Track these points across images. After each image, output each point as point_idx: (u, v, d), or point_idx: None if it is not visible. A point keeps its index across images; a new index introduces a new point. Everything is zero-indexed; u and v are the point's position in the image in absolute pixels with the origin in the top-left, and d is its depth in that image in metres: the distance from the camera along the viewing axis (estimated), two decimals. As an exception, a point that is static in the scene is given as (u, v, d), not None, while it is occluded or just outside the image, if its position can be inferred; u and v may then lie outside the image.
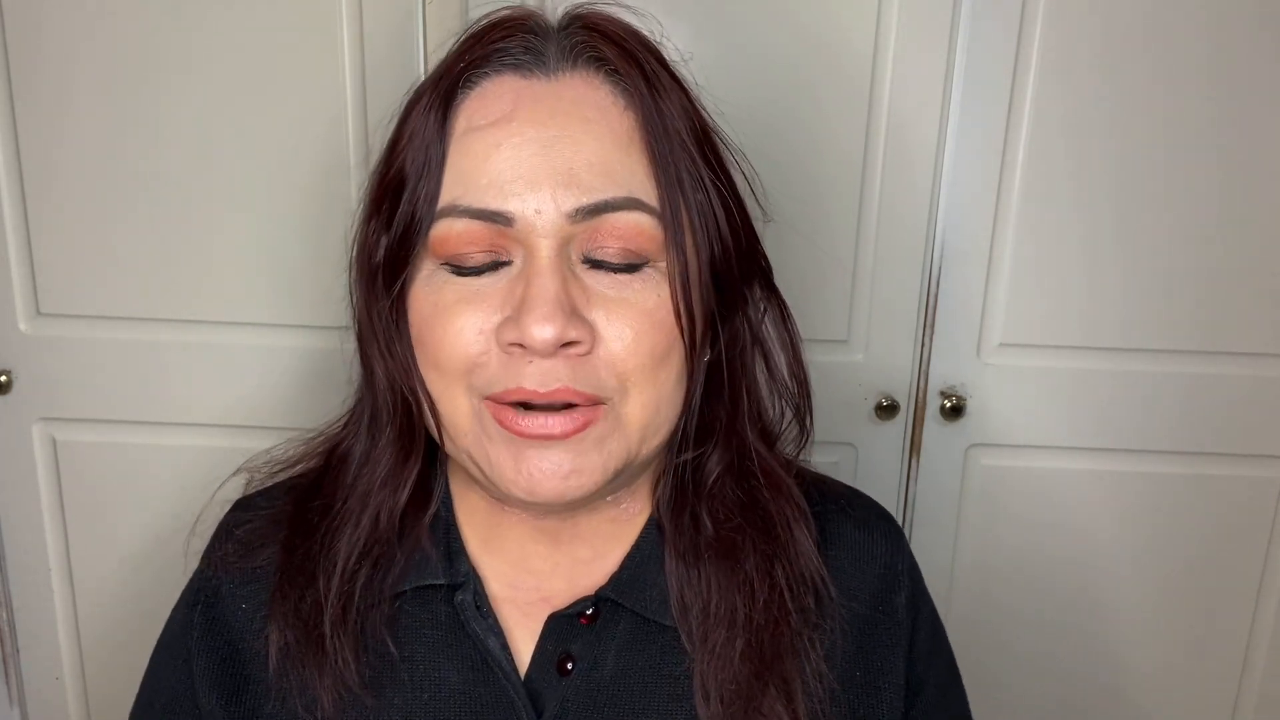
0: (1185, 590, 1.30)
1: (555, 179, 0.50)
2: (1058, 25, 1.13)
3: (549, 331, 0.49)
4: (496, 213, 0.50)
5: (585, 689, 0.57)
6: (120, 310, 1.22)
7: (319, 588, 0.57)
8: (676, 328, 0.53)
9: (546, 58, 0.53)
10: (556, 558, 0.60)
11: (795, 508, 0.60)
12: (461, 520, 0.61)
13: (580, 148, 0.51)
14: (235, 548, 0.62)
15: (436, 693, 0.57)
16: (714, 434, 0.59)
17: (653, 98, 0.53)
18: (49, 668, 1.36)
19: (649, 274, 0.52)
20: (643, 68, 0.53)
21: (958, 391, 1.24)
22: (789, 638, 0.57)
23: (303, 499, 0.62)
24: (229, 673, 0.59)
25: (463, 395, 0.53)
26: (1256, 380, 1.23)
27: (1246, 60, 1.12)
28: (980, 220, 1.19)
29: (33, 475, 1.28)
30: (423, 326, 0.53)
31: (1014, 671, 1.33)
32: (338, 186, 1.17)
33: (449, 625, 0.58)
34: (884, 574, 0.63)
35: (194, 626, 0.61)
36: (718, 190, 0.55)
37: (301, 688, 0.57)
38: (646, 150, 0.52)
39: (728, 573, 0.57)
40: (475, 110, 0.53)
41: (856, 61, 1.14)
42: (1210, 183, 1.16)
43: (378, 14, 1.13)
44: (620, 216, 0.51)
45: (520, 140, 0.51)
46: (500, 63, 0.53)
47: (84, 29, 1.13)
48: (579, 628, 0.58)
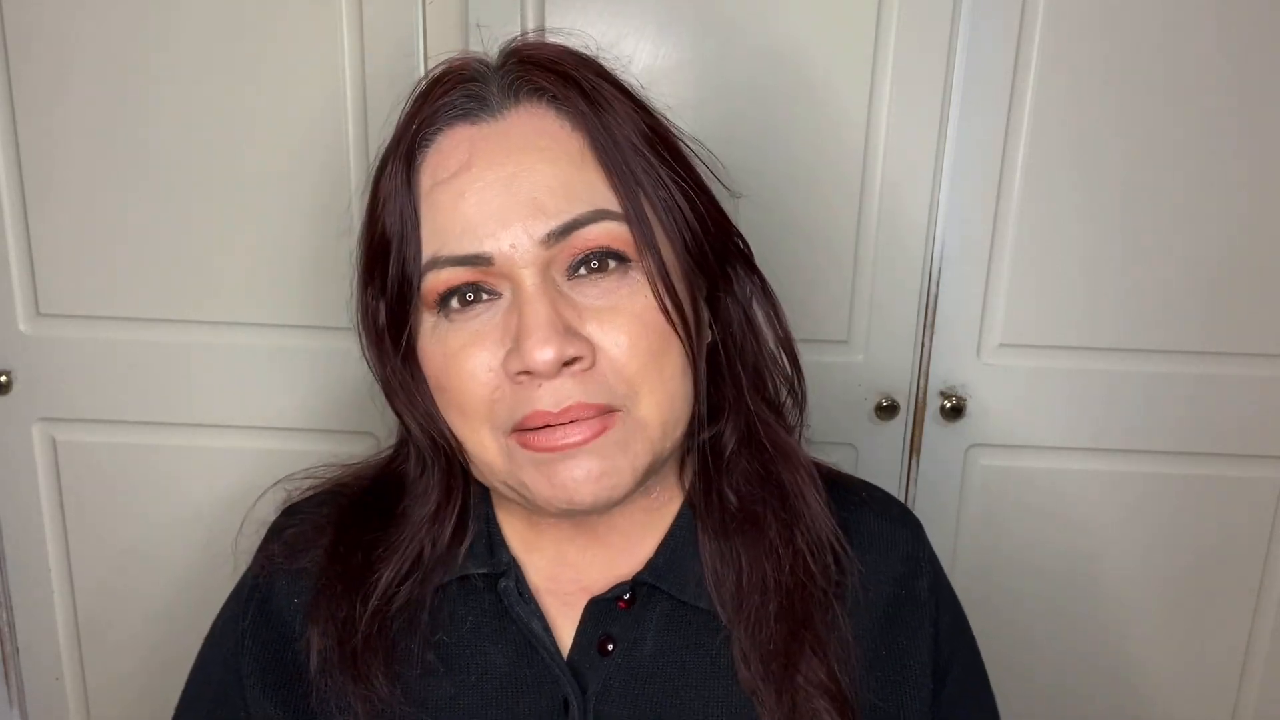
0: (1186, 590, 1.30)
1: (522, 211, 0.53)
2: (1058, 25, 1.13)
3: (549, 353, 0.51)
4: (475, 255, 0.53)
5: (626, 667, 0.60)
6: (120, 310, 1.22)
7: (354, 604, 0.60)
8: (667, 323, 0.55)
9: (489, 101, 0.56)
10: (593, 549, 0.62)
11: (804, 473, 0.63)
12: (501, 520, 0.63)
13: (539, 177, 0.54)
14: (282, 548, 0.65)
15: (483, 675, 0.60)
16: (725, 411, 0.62)
17: (595, 113, 0.55)
18: (49, 668, 1.36)
19: (633, 277, 0.55)
20: (581, 86, 0.56)
21: (958, 392, 1.24)
22: (818, 596, 0.60)
23: (347, 511, 0.65)
24: (280, 663, 0.62)
25: (488, 435, 0.56)
26: (1257, 380, 1.23)
27: (1249, 58, 1.13)
28: (980, 220, 1.19)
29: (33, 475, 1.28)
30: (439, 376, 0.56)
31: (1014, 671, 1.33)
32: (338, 187, 1.17)
33: (493, 612, 0.61)
34: (907, 560, 0.65)
35: (246, 618, 0.64)
36: (677, 183, 0.57)
37: (338, 693, 0.59)
38: (600, 163, 0.55)
39: (754, 542, 0.60)
40: (436, 165, 0.55)
41: (856, 62, 1.14)
42: (1210, 183, 1.16)
43: (378, 14, 1.14)
44: (590, 230, 0.54)
45: (482, 184, 0.54)
46: (449, 116, 0.56)
47: (84, 30, 1.13)
48: (617, 612, 0.61)
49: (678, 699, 0.59)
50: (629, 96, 0.58)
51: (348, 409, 1.22)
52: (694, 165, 0.60)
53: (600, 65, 0.59)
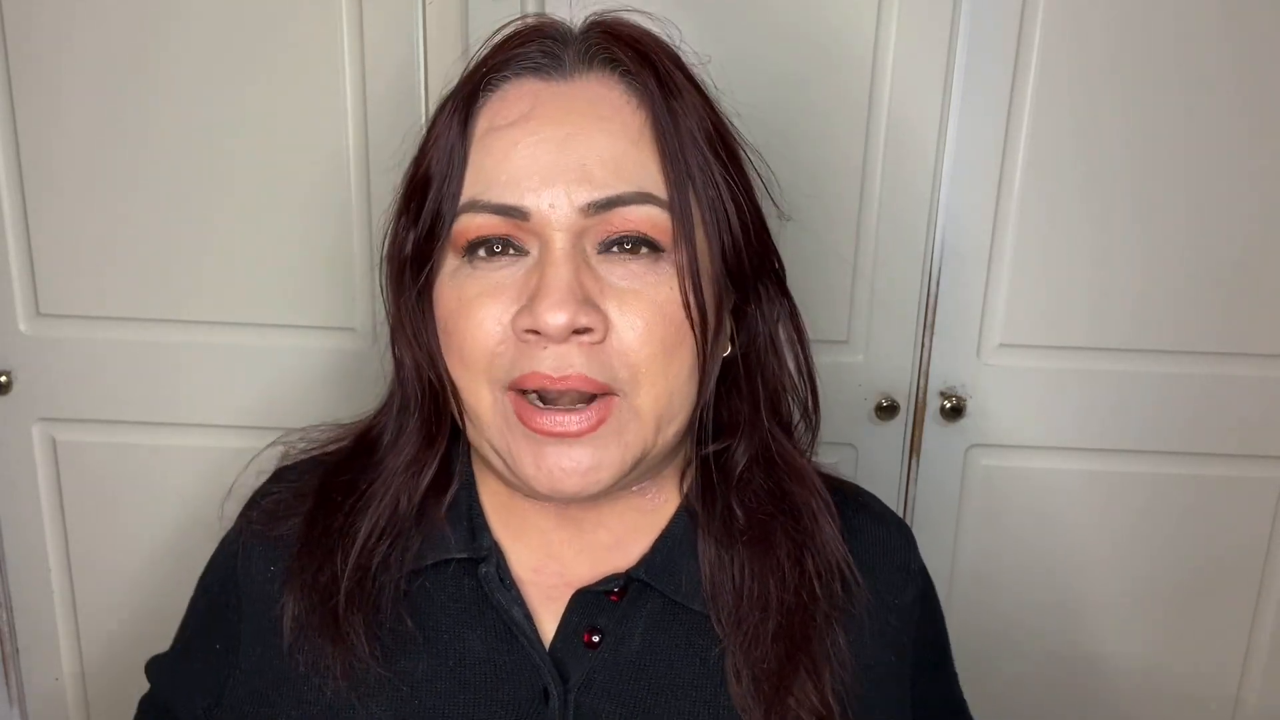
0: (1185, 590, 1.30)
1: (569, 175, 0.53)
2: (1058, 24, 1.12)
3: (561, 317, 0.51)
4: (513, 207, 0.53)
5: (612, 662, 0.59)
6: (120, 310, 1.22)
7: (335, 563, 0.59)
8: (686, 320, 0.54)
9: (564, 61, 0.56)
10: (579, 544, 0.61)
11: (819, 498, 0.63)
12: (485, 502, 0.63)
13: (593, 144, 0.53)
14: (260, 515, 0.65)
15: (461, 660, 0.59)
16: (739, 428, 0.62)
17: (663, 96, 0.55)
18: (49, 668, 1.36)
19: (662, 268, 0.54)
20: (655, 68, 0.56)
21: (958, 392, 1.24)
22: (819, 622, 0.59)
23: (329, 475, 0.64)
24: (258, 627, 0.62)
25: (485, 388, 0.55)
26: (1257, 381, 1.23)
27: (1254, 52, 1.12)
28: (980, 220, 1.19)
29: (33, 475, 1.28)
30: (448, 319, 0.56)
31: (1014, 671, 1.33)
32: (338, 187, 1.17)
33: (472, 598, 0.60)
34: (900, 570, 0.65)
35: (238, 568, 0.64)
36: (729, 187, 0.57)
37: (315, 658, 0.59)
38: (657, 146, 0.54)
39: (760, 558, 0.60)
40: (496, 112, 0.56)
41: (856, 61, 1.14)
42: (1211, 181, 1.16)
43: (378, 14, 1.14)
44: (632, 210, 0.53)
45: (537, 139, 0.53)
46: (520, 67, 0.56)
47: (84, 30, 1.13)
48: (606, 604, 0.60)
49: (662, 698, 0.59)
50: (699, 91, 0.58)
51: (352, 409, 1.21)
52: (749, 175, 0.60)
53: (678, 55, 0.59)
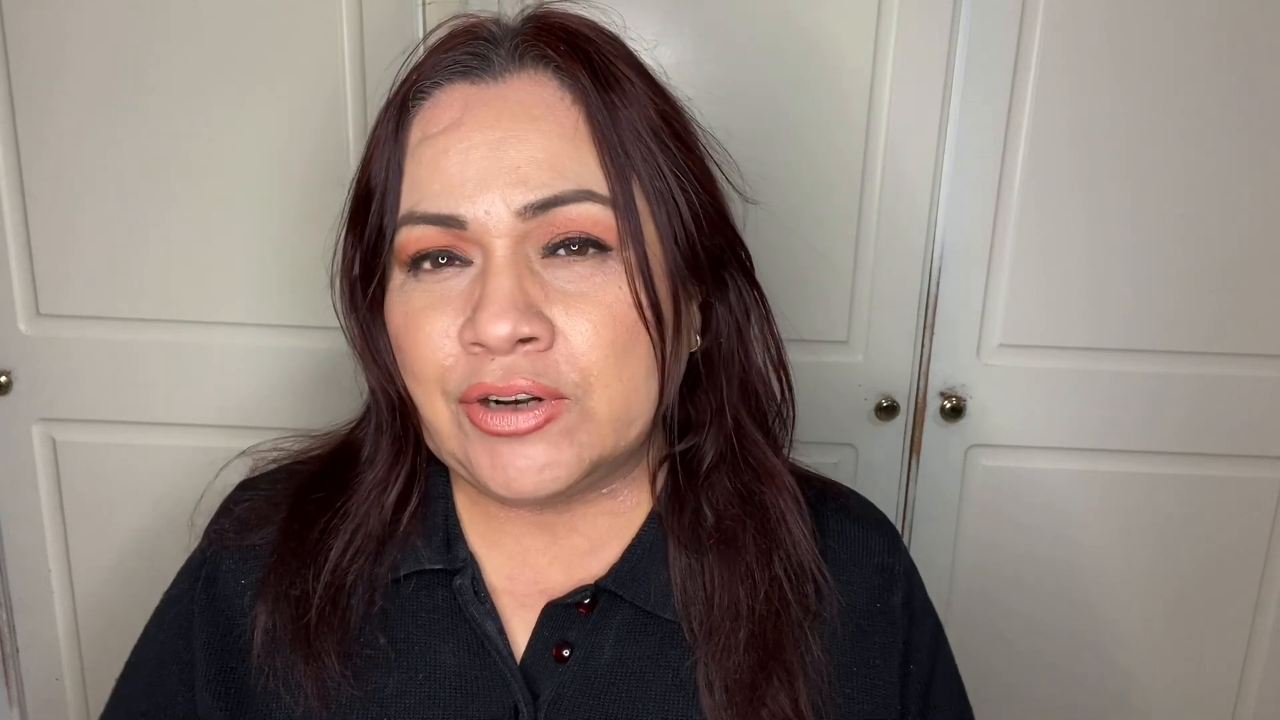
0: (1185, 590, 1.30)
1: (504, 179, 0.51)
2: (1058, 24, 1.13)
3: (503, 329, 0.49)
4: (450, 216, 0.51)
5: (582, 676, 0.57)
6: (120, 310, 1.22)
7: (308, 580, 0.58)
8: (639, 320, 0.52)
9: (493, 62, 0.54)
10: (554, 551, 0.60)
11: (790, 498, 0.60)
12: (461, 513, 0.62)
13: (527, 146, 0.51)
14: (233, 524, 0.63)
15: (431, 673, 0.58)
16: (705, 424, 0.60)
17: (598, 89, 0.53)
18: (49, 668, 1.36)
19: (610, 267, 0.52)
20: (589, 60, 0.53)
21: (957, 392, 1.24)
22: (791, 627, 0.58)
23: (305, 486, 0.62)
24: (223, 648, 0.60)
25: (440, 401, 0.54)
26: (1256, 381, 1.23)
27: (1254, 52, 1.12)
28: (980, 220, 1.19)
29: (33, 475, 1.28)
30: (399, 335, 0.55)
31: (1014, 671, 1.33)
32: (339, 188, 1.17)
33: (446, 610, 0.59)
34: (881, 571, 0.63)
35: (196, 598, 0.62)
36: (679, 177, 0.54)
37: (286, 672, 0.57)
38: (594, 140, 0.52)
39: (729, 564, 0.58)
40: (428, 120, 0.54)
41: (856, 61, 1.14)
42: (1210, 181, 1.16)
43: (377, 14, 1.14)
44: (572, 209, 0.51)
45: (468, 144, 0.52)
46: (450, 71, 0.54)
47: (83, 32, 1.13)
48: (576, 616, 0.59)
49: (634, 711, 0.57)
50: (645, 79, 0.56)
51: (352, 410, 1.21)
52: (705, 162, 0.58)
53: (621, 43, 0.57)
